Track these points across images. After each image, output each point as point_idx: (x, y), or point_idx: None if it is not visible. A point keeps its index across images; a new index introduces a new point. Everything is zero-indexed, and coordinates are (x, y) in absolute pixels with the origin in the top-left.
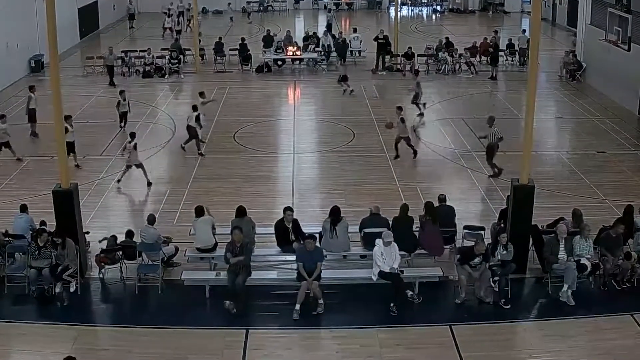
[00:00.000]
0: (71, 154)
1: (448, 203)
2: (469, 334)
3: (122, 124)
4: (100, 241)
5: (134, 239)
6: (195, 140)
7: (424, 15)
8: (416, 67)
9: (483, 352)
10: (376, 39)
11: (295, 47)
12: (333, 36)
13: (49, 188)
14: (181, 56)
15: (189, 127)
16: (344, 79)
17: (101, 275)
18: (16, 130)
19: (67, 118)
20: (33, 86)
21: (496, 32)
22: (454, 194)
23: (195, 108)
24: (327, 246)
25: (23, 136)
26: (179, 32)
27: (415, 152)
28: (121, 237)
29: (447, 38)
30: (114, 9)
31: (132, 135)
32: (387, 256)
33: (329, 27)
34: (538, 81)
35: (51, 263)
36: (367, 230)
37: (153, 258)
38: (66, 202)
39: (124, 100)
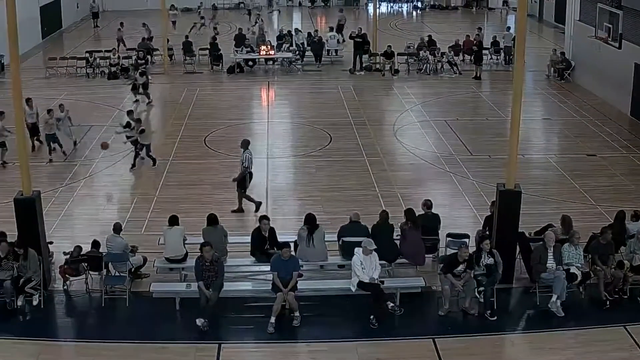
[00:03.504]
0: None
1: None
2: (453, 347)
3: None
4: (65, 253)
5: (100, 250)
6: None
7: (404, 12)
8: (396, 67)
9: None
10: (352, 36)
11: (269, 47)
12: (308, 34)
13: (10, 196)
14: (149, 56)
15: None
16: (144, 87)
17: (65, 287)
18: None
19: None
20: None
21: (480, 29)
22: (436, 200)
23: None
24: (303, 255)
25: None
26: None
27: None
28: (86, 248)
29: (429, 36)
30: (78, 7)
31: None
32: (366, 266)
33: (339, 27)
34: (524, 81)
35: (13, 275)
36: (345, 238)
37: (120, 269)
38: (28, 211)
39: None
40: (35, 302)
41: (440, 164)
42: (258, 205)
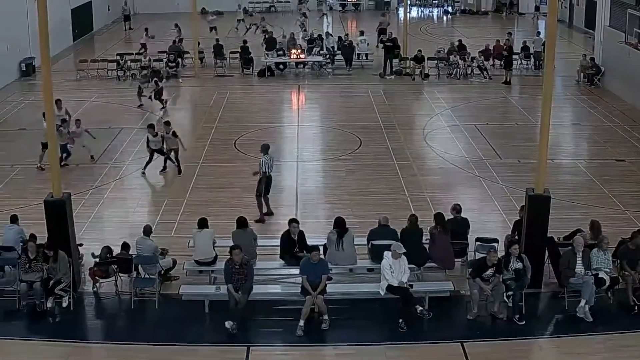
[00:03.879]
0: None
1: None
2: (481, 351)
3: None
4: (93, 256)
5: (129, 252)
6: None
7: (435, 17)
8: (426, 71)
9: None
10: (382, 41)
11: (299, 50)
12: (339, 38)
13: (40, 198)
14: (179, 59)
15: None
16: (158, 94)
17: (95, 289)
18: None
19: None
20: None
21: (510, 34)
22: (466, 204)
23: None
24: (332, 259)
25: (16, 144)
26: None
27: (179, 169)
28: (116, 250)
29: (459, 41)
30: (109, 9)
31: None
32: (395, 269)
33: (382, 31)
34: (554, 86)
35: (42, 276)
36: (375, 242)
37: (150, 271)
38: (58, 213)
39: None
40: (64, 304)
41: (469, 169)
42: (265, 217)
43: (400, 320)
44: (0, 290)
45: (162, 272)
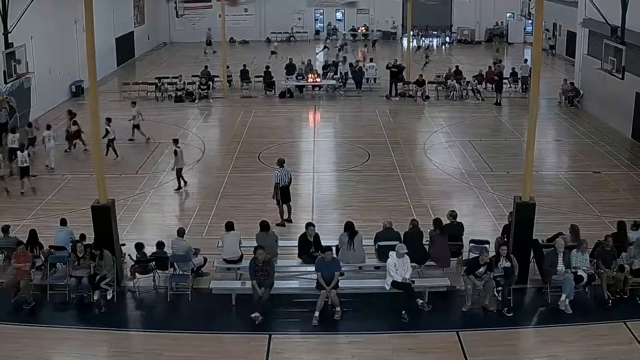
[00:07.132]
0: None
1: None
2: (474, 339)
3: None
4: (133, 260)
5: (163, 249)
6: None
7: (434, 46)
8: (427, 94)
9: (487, 357)
10: (388, 66)
11: (315, 75)
12: (350, 64)
13: (87, 204)
14: (210, 82)
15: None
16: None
17: (136, 284)
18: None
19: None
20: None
21: (500, 61)
22: (461, 211)
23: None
24: (344, 258)
25: (67, 156)
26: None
27: (184, 183)
28: (152, 249)
29: (456, 67)
30: (149, 38)
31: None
32: (399, 267)
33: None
34: (539, 107)
35: (90, 272)
36: (381, 243)
37: (184, 268)
38: (104, 217)
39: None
40: (109, 297)
41: (464, 179)
42: (283, 224)
43: (403, 312)
44: (52, 285)
45: (195, 269)
